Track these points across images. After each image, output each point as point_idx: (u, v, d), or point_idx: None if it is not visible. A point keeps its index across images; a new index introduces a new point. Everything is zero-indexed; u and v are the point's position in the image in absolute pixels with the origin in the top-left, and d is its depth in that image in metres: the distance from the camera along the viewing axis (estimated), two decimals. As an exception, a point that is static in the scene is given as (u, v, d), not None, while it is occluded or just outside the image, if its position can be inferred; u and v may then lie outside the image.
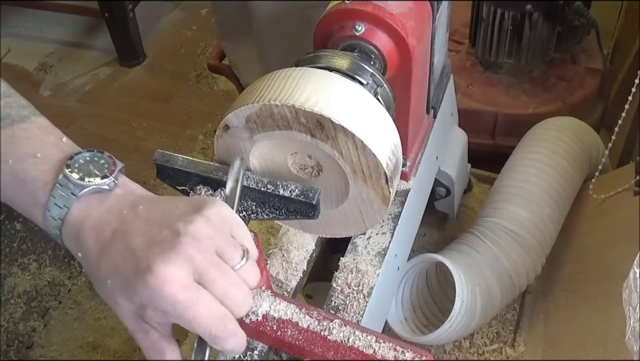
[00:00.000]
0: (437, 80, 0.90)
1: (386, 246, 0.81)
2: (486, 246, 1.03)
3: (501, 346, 1.08)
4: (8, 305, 1.83)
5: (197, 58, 2.58)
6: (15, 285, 1.87)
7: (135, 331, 0.54)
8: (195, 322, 0.50)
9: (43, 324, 1.79)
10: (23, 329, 1.78)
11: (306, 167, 0.65)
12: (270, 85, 0.60)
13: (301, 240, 0.84)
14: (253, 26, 1.42)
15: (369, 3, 0.70)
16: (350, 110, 0.58)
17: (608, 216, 1.09)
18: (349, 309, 0.75)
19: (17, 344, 1.75)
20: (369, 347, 0.61)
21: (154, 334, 0.53)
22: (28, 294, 1.85)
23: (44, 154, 0.56)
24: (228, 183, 0.61)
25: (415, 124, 0.84)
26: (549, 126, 1.17)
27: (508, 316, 1.11)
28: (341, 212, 0.66)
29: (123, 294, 0.51)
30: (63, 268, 1.91)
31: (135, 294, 0.50)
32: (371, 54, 0.71)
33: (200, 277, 0.51)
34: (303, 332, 0.63)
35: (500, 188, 1.09)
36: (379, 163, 0.59)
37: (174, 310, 0.50)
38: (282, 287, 0.81)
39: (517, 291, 1.05)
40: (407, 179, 0.86)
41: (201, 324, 0.50)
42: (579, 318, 0.99)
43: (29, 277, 1.89)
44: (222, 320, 0.51)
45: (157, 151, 0.66)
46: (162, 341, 0.54)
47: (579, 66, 1.48)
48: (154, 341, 0.54)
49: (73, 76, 2.56)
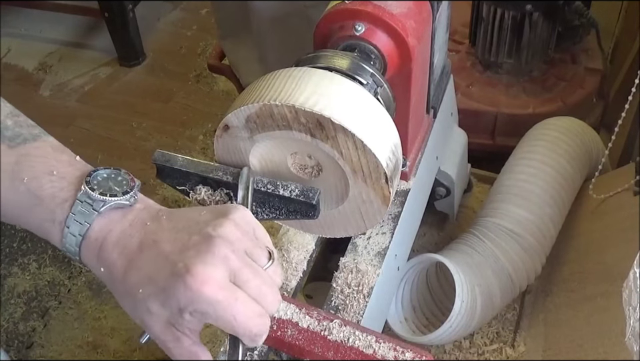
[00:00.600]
0: (437, 80, 0.90)
1: (386, 246, 0.81)
2: (486, 246, 1.03)
3: (501, 346, 1.08)
4: (8, 305, 1.83)
5: (197, 58, 2.58)
6: (15, 285, 1.87)
7: (167, 340, 0.53)
8: (235, 321, 0.51)
9: (43, 324, 1.79)
10: (23, 329, 1.78)
11: (306, 167, 0.65)
12: (270, 85, 0.60)
13: (301, 240, 0.84)
14: (253, 26, 1.43)
15: (369, 3, 0.70)
16: (350, 110, 0.58)
17: (608, 216, 1.09)
18: (348, 309, 0.75)
19: (17, 344, 1.75)
20: (369, 347, 0.61)
21: (186, 341, 0.53)
22: (28, 294, 1.85)
23: (59, 171, 0.56)
24: (239, 192, 0.61)
25: (415, 124, 0.84)
26: (548, 126, 1.17)
27: (508, 316, 1.11)
28: (341, 212, 0.66)
29: (158, 300, 0.51)
30: (62, 268, 1.91)
31: (171, 298, 0.50)
32: (371, 54, 0.71)
33: (235, 277, 0.51)
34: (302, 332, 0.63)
35: (500, 188, 1.09)
36: (379, 163, 0.59)
37: (214, 310, 0.50)
38: (282, 287, 0.81)
39: (517, 291, 1.05)
40: (407, 179, 0.86)
41: (242, 323, 0.51)
42: (578, 318, 0.99)
43: (29, 277, 1.89)
44: (260, 318, 0.52)
45: (157, 151, 0.66)
46: (195, 346, 0.54)
47: (578, 66, 1.48)
48: (187, 347, 0.54)
49: (73, 76, 2.56)
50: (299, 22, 1.30)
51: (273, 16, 1.36)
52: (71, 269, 1.90)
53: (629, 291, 0.72)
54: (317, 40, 0.74)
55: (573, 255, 1.10)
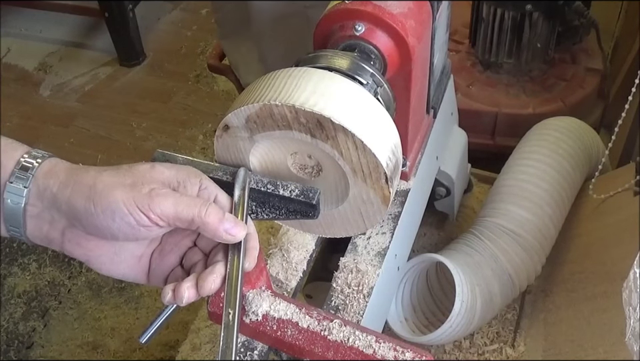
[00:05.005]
0: (437, 80, 0.90)
1: (386, 246, 0.81)
2: (486, 246, 1.03)
3: (501, 346, 1.08)
4: (8, 305, 1.83)
5: (197, 58, 2.58)
6: (15, 285, 1.87)
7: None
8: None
9: (43, 323, 1.79)
10: (23, 329, 1.78)
11: (306, 167, 0.65)
12: (270, 85, 0.60)
13: (300, 240, 0.84)
14: (253, 26, 1.43)
15: (369, 3, 0.70)
16: (350, 110, 0.58)
17: (608, 216, 1.09)
18: (348, 309, 0.75)
19: (17, 344, 1.75)
20: (369, 347, 0.61)
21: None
22: (28, 294, 1.85)
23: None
24: (235, 192, 0.61)
25: (415, 124, 0.84)
26: (548, 126, 1.17)
27: (508, 316, 1.11)
28: (341, 212, 0.66)
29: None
30: (62, 268, 1.91)
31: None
32: (371, 54, 0.71)
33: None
34: (303, 332, 0.63)
35: (500, 188, 1.09)
36: (379, 163, 0.59)
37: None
38: (282, 287, 0.81)
39: (517, 291, 1.05)
40: (406, 179, 0.86)
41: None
42: (578, 318, 0.99)
43: (29, 277, 1.89)
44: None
45: (157, 151, 0.66)
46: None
47: (578, 66, 1.48)
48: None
49: (73, 76, 2.56)
50: (299, 22, 1.30)
51: (273, 16, 1.36)
52: (71, 269, 1.90)
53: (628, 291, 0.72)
54: (316, 40, 0.74)
55: (573, 255, 1.10)
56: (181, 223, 0.56)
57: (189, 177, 0.59)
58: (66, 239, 0.58)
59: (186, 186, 0.58)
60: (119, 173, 0.56)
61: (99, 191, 0.54)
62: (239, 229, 0.57)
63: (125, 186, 0.55)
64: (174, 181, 0.58)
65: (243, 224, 0.59)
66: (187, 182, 0.59)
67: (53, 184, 0.56)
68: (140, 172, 0.57)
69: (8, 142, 0.57)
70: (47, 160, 0.57)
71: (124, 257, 0.60)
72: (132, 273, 0.62)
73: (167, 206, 0.55)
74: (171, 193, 0.56)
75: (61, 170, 0.57)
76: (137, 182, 0.56)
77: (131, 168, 0.57)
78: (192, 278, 0.57)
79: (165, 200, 0.55)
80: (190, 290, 0.56)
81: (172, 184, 0.58)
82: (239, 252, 0.59)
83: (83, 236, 0.58)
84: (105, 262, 0.60)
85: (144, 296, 1.82)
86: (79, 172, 0.56)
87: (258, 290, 0.65)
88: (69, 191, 0.55)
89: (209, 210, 0.56)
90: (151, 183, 0.56)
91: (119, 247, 0.60)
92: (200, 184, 0.59)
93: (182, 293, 0.56)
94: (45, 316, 1.81)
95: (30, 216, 0.57)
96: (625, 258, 0.86)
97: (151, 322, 0.61)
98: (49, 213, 0.57)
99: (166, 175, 0.58)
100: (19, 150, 0.57)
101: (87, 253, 0.59)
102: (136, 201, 0.54)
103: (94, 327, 1.77)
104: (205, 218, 0.56)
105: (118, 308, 1.80)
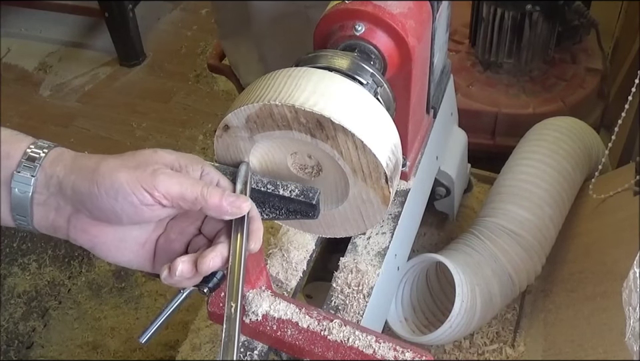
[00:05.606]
0: (437, 80, 0.90)
1: (386, 246, 0.81)
2: (486, 246, 1.03)
3: (501, 345, 1.08)
4: (8, 305, 1.83)
5: (197, 58, 2.58)
6: (15, 285, 1.87)
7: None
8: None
9: (43, 324, 1.79)
10: (23, 329, 1.78)
11: (306, 167, 0.65)
12: (270, 85, 0.60)
13: (300, 240, 0.84)
14: (253, 26, 1.42)
15: (369, 3, 0.70)
16: (350, 110, 0.58)
17: (608, 216, 1.09)
18: (348, 309, 0.75)
19: (17, 344, 1.75)
20: (369, 347, 0.61)
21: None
22: (28, 294, 1.85)
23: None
24: (237, 186, 0.61)
25: (415, 124, 0.84)
26: (549, 126, 1.17)
27: (508, 316, 1.11)
28: (340, 212, 0.66)
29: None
30: (62, 268, 1.91)
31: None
32: (371, 54, 0.71)
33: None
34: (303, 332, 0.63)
35: (500, 188, 1.09)
36: (379, 163, 0.59)
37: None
38: (282, 287, 0.81)
39: (517, 291, 1.05)
40: (406, 179, 0.86)
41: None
42: (578, 318, 0.99)
43: (29, 277, 1.89)
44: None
45: (157, 151, 0.66)
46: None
47: (578, 66, 1.48)
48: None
49: (73, 76, 2.56)
50: (299, 22, 1.30)
51: (273, 16, 1.36)
52: (70, 269, 1.90)
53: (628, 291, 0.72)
54: (316, 40, 0.74)
55: (573, 255, 1.10)
56: (184, 203, 0.56)
57: (191, 163, 0.60)
58: (71, 226, 0.58)
59: (188, 170, 0.59)
60: (122, 157, 0.58)
61: (102, 173, 0.55)
62: (241, 200, 0.58)
63: (129, 168, 0.56)
64: (176, 164, 0.59)
65: (246, 197, 0.59)
66: (189, 167, 0.60)
67: (59, 170, 0.57)
68: (143, 155, 0.58)
69: (13, 134, 0.58)
70: (53, 150, 0.58)
71: (129, 243, 0.61)
72: (137, 260, 0.62)
73: (172, 183, 0.56)
74: (175, 173, 0.57)
75: (67, 157, 0.58)
76: (141, 164, 0.57)
77: (134, 153, 0.58)
78: (190, 255, 0.58)
79: (170, 179, 0.56)
80: (185, 264, 0.56)
81: (174, 168, 0.59)
82: (242, 233, 0.58)
83: (88, 222, 0.58)
84: (110, 248, 0.60)
85: (144, 296, 1.82)
86: (83, 158, 0.58)
87: (258, 290, 0.65)
88: (74, 177, 0.56)
89: (210, 190, 0.57)
90: (154, 164, 0.57)
91: (124, 233, 0.60)
92: (202, 170, 0.60)
93: (176, 266, 0.56)
94: (44, 316, 1.81)
95: (37, 204, 0.57)
96: (624, 258, 0.86)
97: (151, 322, 0.61)
98: (55, 200, 0.57)
99: (168, 159, 0.59)
100: (24, 141, 0.58)
101: (92, 239, 0.59)
102: (140, 180, 0.55)
103: (94, 327, 1.77)
104: (207, 197, 0.56)
105: (118, 308, 1.80)
